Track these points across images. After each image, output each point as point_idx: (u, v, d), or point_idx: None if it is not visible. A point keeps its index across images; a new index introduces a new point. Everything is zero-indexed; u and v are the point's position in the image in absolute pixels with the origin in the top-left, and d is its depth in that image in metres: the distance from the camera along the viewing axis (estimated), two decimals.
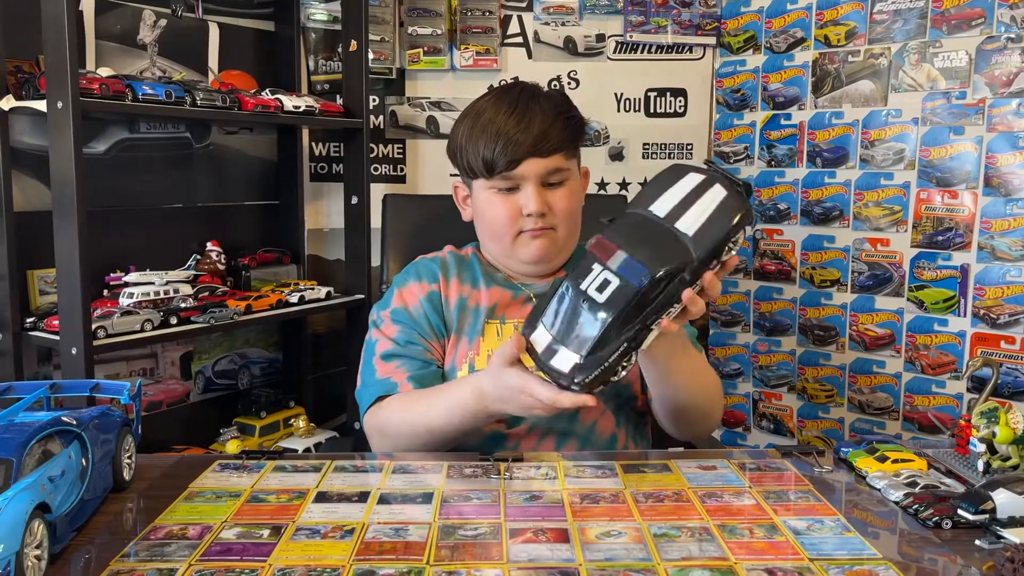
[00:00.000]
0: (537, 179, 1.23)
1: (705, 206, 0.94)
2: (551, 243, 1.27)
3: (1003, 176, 1.93)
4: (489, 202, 1.27)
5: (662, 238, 0.94)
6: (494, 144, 1.21)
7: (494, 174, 1.23)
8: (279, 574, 0.73)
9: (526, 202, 1.23)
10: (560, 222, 1.26)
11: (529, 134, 1.21)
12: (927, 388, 2.09)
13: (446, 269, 1.33)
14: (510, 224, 1.26)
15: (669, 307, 0.92)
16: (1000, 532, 0.79)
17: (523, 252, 1.28)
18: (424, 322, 1.29)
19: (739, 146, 2.42)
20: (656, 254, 0.92)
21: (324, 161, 2.47)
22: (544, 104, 1.24)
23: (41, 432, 0.80)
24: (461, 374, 1.25)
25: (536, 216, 1.23)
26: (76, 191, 1.56)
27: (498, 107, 1.24)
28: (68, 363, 1.59)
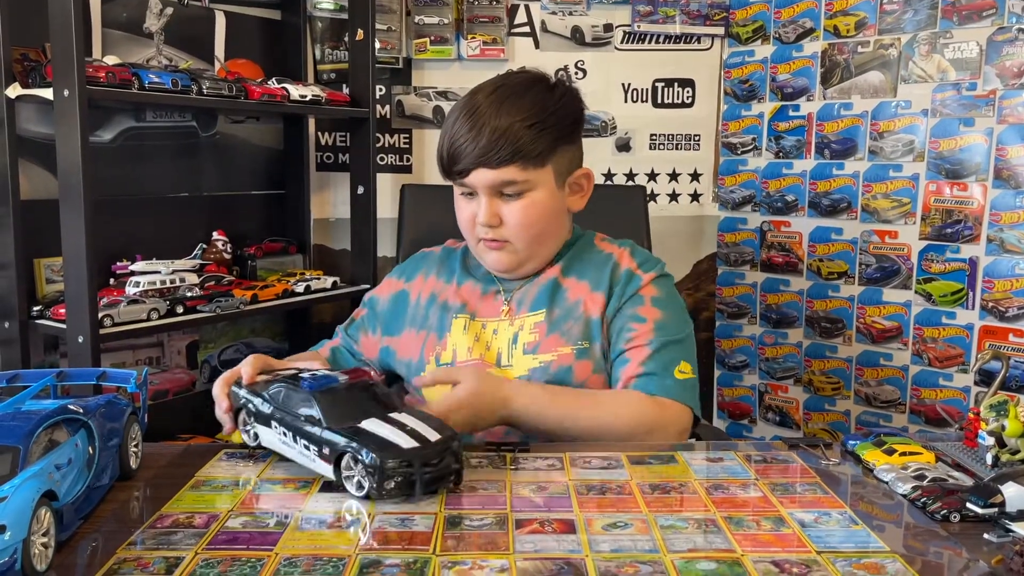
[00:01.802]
0: (488, 189, 1.19)
1: None
2: (508, 256, 1.24)
3: (1013, 168, 1.92)
4: (456, 204, 1.27)
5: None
6: (448, 147, 1.19)
7: (449, 178, 1.23)
8: (285, 563, 0.73)
9: (477, 211, 1.21)
10: (514, 236, 1.21)
11: (476, 144, 1.15)
12: (934, 381, 2.08)
13: (428, 265, 1.35)
14: (469, 228, 1.25)
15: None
16: (1009, 526, 0.79)
17: (482, 258, 1.28)
18: (379, 319, 1.35)
19: (747, 137, 2.41)
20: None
21: (330, 150, 2.47)
22: (515, 106, 1.16)
23: (48, 420, 0.80)
24: (430, 367, 1.26)
25: (485, 227, 1.21)
26: (83, 180, 1.56)
27: (465, 105, 1.19)
28: (75, 351, 1.60)
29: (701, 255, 2.53)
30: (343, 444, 0.87)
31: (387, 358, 1.34)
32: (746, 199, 2.42)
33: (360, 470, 0.85)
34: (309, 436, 0.90)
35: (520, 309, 1.26)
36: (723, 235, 2.48)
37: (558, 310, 1.24)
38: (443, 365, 1.25)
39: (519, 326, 1.25)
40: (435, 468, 0.86)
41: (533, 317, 1.25)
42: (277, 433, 0.94)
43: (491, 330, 1.26)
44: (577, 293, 1.25)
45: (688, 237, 2.51)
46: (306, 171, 2.38)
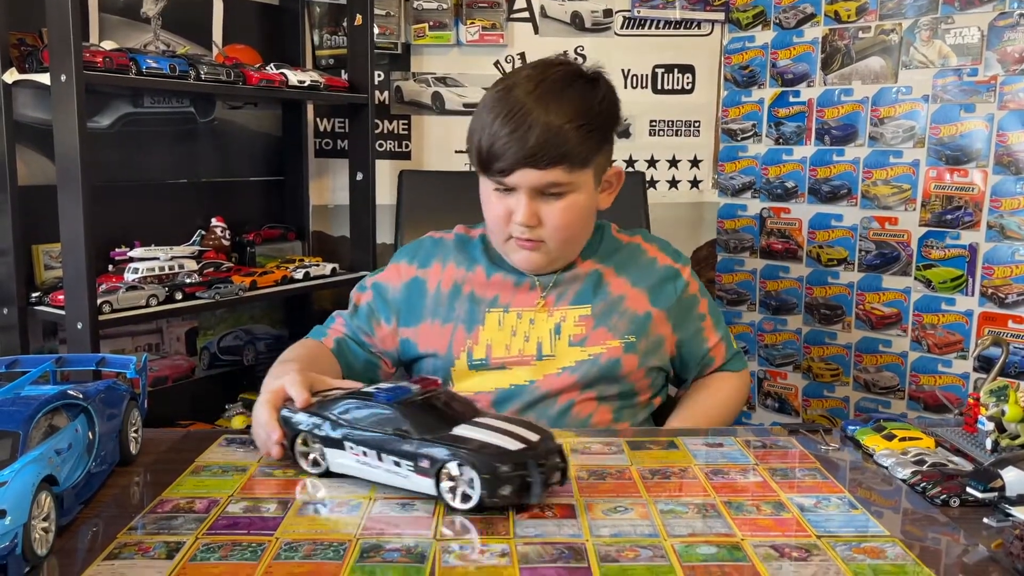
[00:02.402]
0: (530, 189, 1.15)
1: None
2: (541, 257, 1.21)
3: (1014, 154, 1.91)
4: (487, 198, 1.21)
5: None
6: (489, 143, 1.13)
7: (487, 174, 1.17)
8: (286, 547, 0.73)
9: (515, 210, 1.16)
10: (550, 236, 1.18)
11: (524, 144, 1.11)
12: (933, 367, 2.09)
13: (445, 253, 1.29)
14: (501, 227, 1.20)
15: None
16: (1009, 510, 0.79)
17: (513, 256, 1.23)
18: (391, 308, 1.28)
19: (747, 123, 2.40)
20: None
21: (329, 137, 2.46)
22: (562, 106, 1.12)
23: (47, 405, 0.80)
24: (460, 363, 1.22)
25: (523, 227, 1.16)
26: (80, 165, 1.56)
27: (509, 100, 1.13)
28: (73, 338, 1.60)
29: (701, 242, 2.53)
30: (446, 454, 0.80)
31: (408, 351, 1.27)
32: (746, 185, 2.42)
33: (466, 480, 0.79)
34: (400, 452, 0.82)
35: (560, 302, 1.24)
36: (723, 222, 2.48)
37: (602, 304, 1.25)
38: (476, 360, 1.22)
39: (560, 318, 1.23)
40: (544, 468, 0.81)
41: (578, 310, 1.24)
42: (353, 455, 0.86)
43: (527, 320, 1.23)
44: (618, 288, 1.27)
45: (688, 224, 2.51)
46: (305, 157, 2.37)
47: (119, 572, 0.69)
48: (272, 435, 0.92)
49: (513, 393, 1.21)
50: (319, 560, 0.71)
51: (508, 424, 0.85)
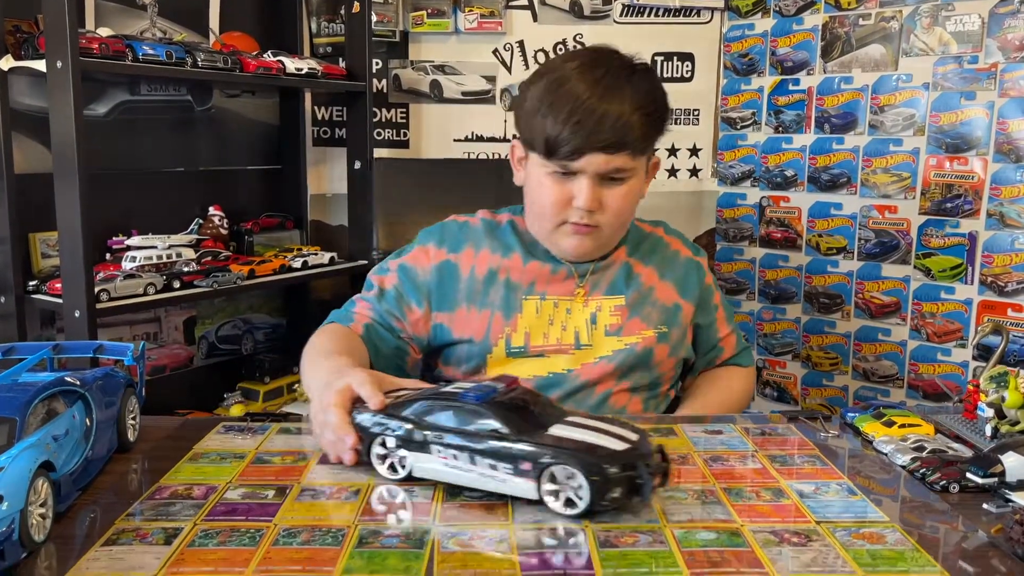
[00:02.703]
0: (595, 174, 1.15)
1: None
2: (593, 242, 1.20)
3: (1014, 142, 1.91)
4: (541, 183, 1.18)
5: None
6: (560, 128, 1.12)
7: (552, 158, 1.15)
8: (284, 533, 0.73)
9: (578, 195, 1.15)
10: (607, 221, 1.18)
11: (600, 129, 1.11)
12: (932, 356, 2.09)
13: (475, 238, 1.26)
14: (557, 211, 1.18)
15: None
16: (1009, 495, 0.79)
17: (563, 242, 1.21)
18: (422, 292, 1.24)
19: (746, 112, 2.39)
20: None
21: (327, 125, 2.45)
22: (628, 93, 1.14)
23: (45, 392, 0.79)
24: (497, 350, 1.21)
25: (584, 212, 1.16)
26: (77, 153, 1.55)
27: (577, 85, 1.13)
28: (71, 326, 1.59)
29: (700, 231, 2.52)
30: (549, 456, 0.75)
31: (441, 336, 1.24)
32: (745, 174, 2.41)
33: (572, 483, 0.74)
34: (497, 454, 0.77)
35: (594, 291, 1.25)
36: (722, 211, 2.47)
37: (635, 295, 1.26)
38: (515, 348, 1.21)
39: (595, 307, 1.24)
40: (651, 468, 0.77)
41: (612, 300, 1.25)
42: (442, 458, 0.81)
43: (564, 309, 1.23)
44: (648, 280, 1.28)
45: (687, 213, 2.50)
46: (302, 146, 2.36)
47: (117, 557, 0.69)
48: (347, 440, 0.86)
49: (553, 382, 1.21)
50: (318, 546, 0.71)
51: (604, 424, 0.80)
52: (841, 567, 0.68)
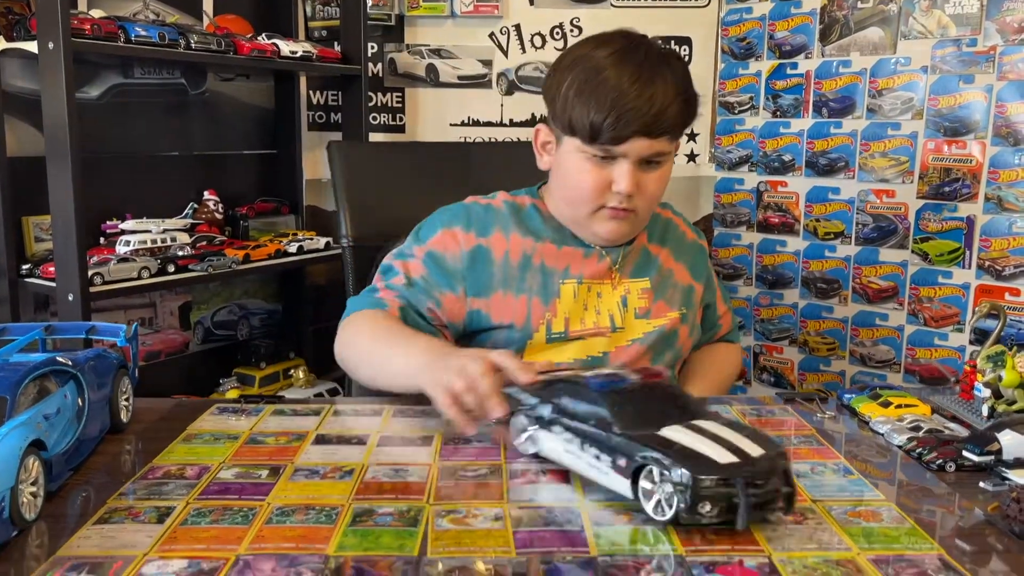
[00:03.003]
0: (637, 158, 1.14)
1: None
2: (628, 226, 1.20)
3: (1012, 125, 1.90)
4: (579, 168, 1.17)
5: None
6: (605, 113, 1.11)
7: (595, 142, 1.13)
8: (278, 512, 0.73)
9: (618, 179, 1.14)
10: (643, 206, 1.18)
11: (644, 112, 1.11)
12: (929, 341, 2.08)
13: (503, 221, 1.23)
14: (594, 196, 1.17)
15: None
16: (1005, 473, 0.78)
17: (598, 227, 1.20)
18: (455, 277, 1.20)
19: (744, 96, 2.38)
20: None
21: (322, 110, 2.43)
22: (668, 78, 1.14)
23: (36, 371, 0.79)
24: (538, 336, 1.20)
25: (624, 196, 1.15)
26: (69, 136, 1.54)
27: (619, 70, 1.12)
28: (65, 310, 1.59)
29: (697, 216, 2.52)
30: (641, 454, 0.71)
31: (478, 322, 1.21)
32: (743, 159, 2.40)
33: (664, 488, 0.69)
34: (599, 443, 0.75)
35: (622, 274, 1.26)
36: (720, 196, 2.46)
37: (657, 277, 1.28)
38: (556, 334, 1.20)
39: (624, 290, 1.25)
40: (760, 490, 0.69)
41: (639, 283, 1.26)
42: (561, 440, 0.79)
43: (595, 293, 1.23)
44: (666, 262, 1.30)
45: (684, 198, 2.49)
46: (298, 130, 2.35)
47: (109, 536, 0.68)
48: (494, 410, 0.86)
49: (590, 365, 1.20)
50: (311, 524, 0.70)
51: (732, 432, 0.74)
52: (837, 544, 0.68)
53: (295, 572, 0.62)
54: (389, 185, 1.48)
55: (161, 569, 0.63)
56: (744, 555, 0.66)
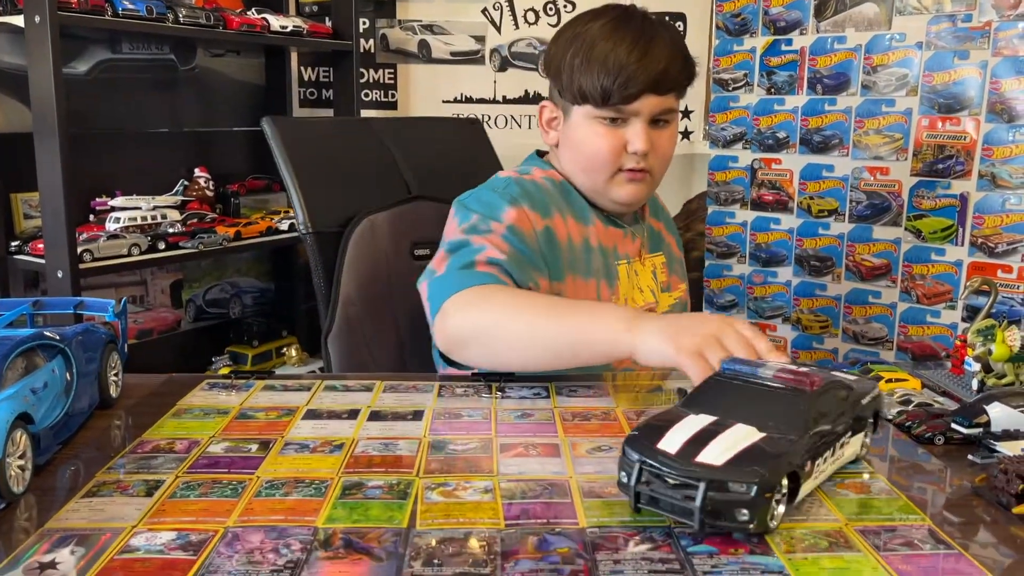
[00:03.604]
0: (648, 116, 1.16)
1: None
2: (645, 188, 1.21)
3: (1007, 102, 1.90)
4: (592, 131, 1.18)
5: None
6: (614, 75, 1.13)
7: (607, 104, 1.15)
8: (267, 485, 0.73)
9: (632, 138, 1.16)
10: (657, 165, 1.20)
11: (652, 70, 1.14)
12: (922, 318, 2.09)
13: (555, 201, 1.21)
14: (611, 159, 1.18)
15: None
16: (993, 445, 0.79)
17: (616, 192, 1.20)
18: (538, 257, 1.14)
19: (738, 73, 2.37)
20: None
21: (313, 86, 2.41)
22: (665, 38, 1.18)
23: (23, 345, 0.78)
24: None
25: (639, 155, 1.17)
26: (57, 111, 1.53)
27: (618, 37, 1.15)
28: (55, 287, 1.58)
29: (691, 194, 2.51)
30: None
31: None
32: (737, 136, 2.39)
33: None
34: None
35: (645, 250, 1.29)
36: (713, 174, 2.46)
37: (664, 251, 1.33)
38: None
39: (651, 267, 1.29)
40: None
41: (658, 258, 1.31)
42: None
43: (635, 271, 1.26)
44: (665, 235, 1.35)
45: (678, 176, 2.49)
46: (289, 107, 2.33)
47: (97, 509, 0.68)
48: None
49: None
50: (300, 497, 0.70)
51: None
52: (825, 515, 0.68)
53: (284, 544, 0.62)
54: (341, 162, 1.40)
55: (149, 541, 0.63)
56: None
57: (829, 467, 0.71)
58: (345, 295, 1.32)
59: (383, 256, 1.37)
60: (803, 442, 0.66)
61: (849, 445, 0.73)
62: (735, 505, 0.61)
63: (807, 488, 0.68)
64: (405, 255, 1.39)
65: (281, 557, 0.60)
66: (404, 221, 1.40)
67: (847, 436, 0.73)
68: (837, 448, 0.71)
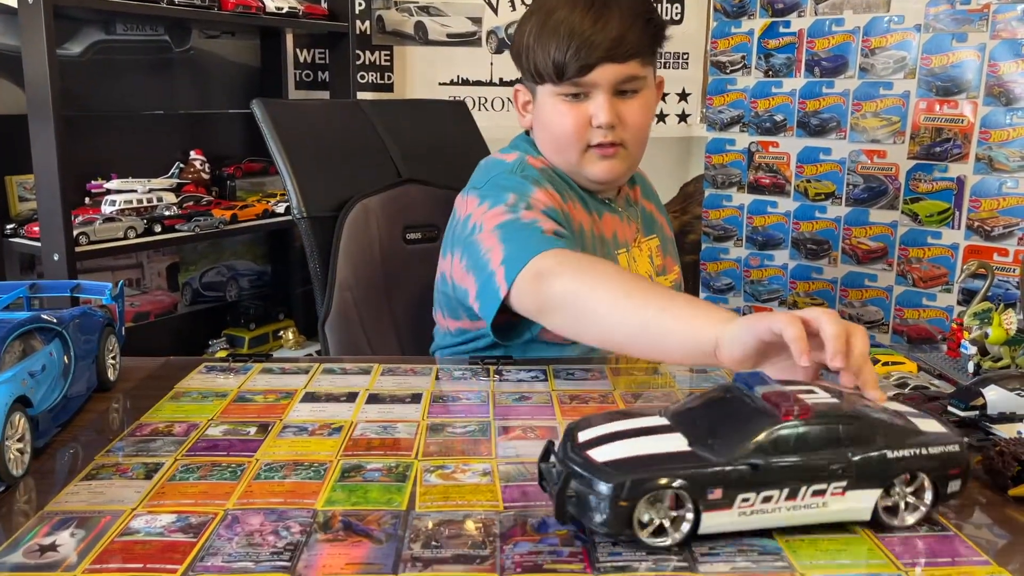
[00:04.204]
0: (610, 87, 1.11)
1: None
2: (621, 164, 1.16)
3: (1005, 84, 1.89)
4: (555, 110, 1.14)
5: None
6: (566, 46, 1.09)
7: (564, 79, 1.11)
8: (266, 468, 0.73)
9: (596, 112, 1.12)
10: (630, 137, 1.15)
11: (605, 36, 1.09)
12: (918, 301, 2.09)
13: (559, 187, 1.17)
14: (577, 136, 1.14)
15: None
16: (989, 428, 0.79)
17: (590, 170, 1.16)
18: (574, 238, 1.11)
19: (736, 55, 2.36)
20: None
21: (309, 68, 2.40)
22: (623, 3, 1.12)
23: (20, 328, 0.78)
24: None
25: (606, 128, 1.12)
26: (51, 92, 1.51)
27: (572, 5, 1.11)
28: (51, 270, 1.57)
29: (688, 177, 2.51)
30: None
31: None
32: (734, 119, 2.39)
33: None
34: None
35: (640, 234, 1.26)
36: (710, 157, 2.45)
37: (658, 233, 1.29)
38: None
39: (647, 251, 1.26)
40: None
41: (652, 241, 1.27)
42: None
43: (633, 257, 1.23)
44: (656, 216, 1.31)
45: (676, 159, 2.48)
46: (284, 89, 2.32)
47: (97, 491, 0.68)
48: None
49: None
50: (299, 480, 0.71)
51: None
52: None
53: (283, 526, 0.62)
54: (333, 146, 1.39)
55: (149, 523, 0.63)
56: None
57: (788, 513, 0.61)
58: (341, 280, 1.32)
59: (377, 241, 1.37)
60: (727, 469, 0.59)
61: (845, 499, 0.61)
62: (591, 505, 0.59)
63: (736, 523, 0.60)
64: (398, 239, 1.39)
65: (281, 539, 0.60)
66: (396, 205, 1.40)
67: (836, 485, 0.61)
68: (807, 495, 0.60)
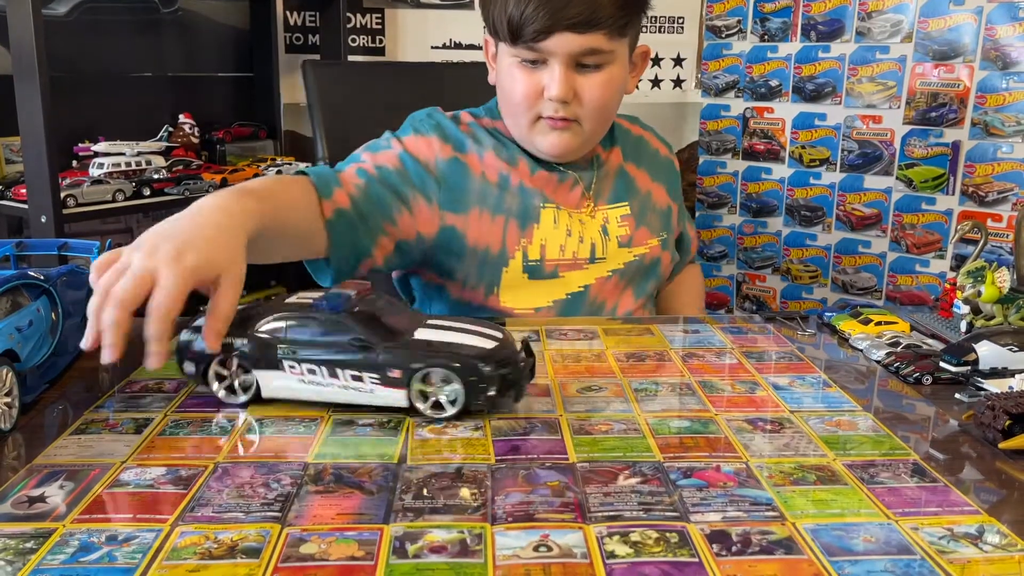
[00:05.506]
0: (568, 58, 1.04)
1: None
2: (573, 138, 1.09)
3: (1001, 48, 1.88)
4: (509, 73, 1.08)
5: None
6: (524, 5, 1.01)
7: (518, 42, 1.04)
8: (257, 423, 0.73)
9: (549, 83, 1.05)
10: (586, 115, 1.08)
11: (568, 3, 1.00)
12: (911, 267, 2.10)
13: (475, 139, 1.14)
14: (528, 104, 1.07)
15: None
16: (981, 383, 0.79)
17: (539, 141, 1.11)
18: (430, 182, 1.09)
19: (732, 19, 2.33)
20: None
21: (299, 31, 2.37)
22: None
23: (6, 285, 0.77)
24: (514, 263, 1.11)
25: (557, 103, 1.05)
26: (37, 54, 1.49)
27: None
28: (38, 232, 1.56)
29: (683, 143, 2.50)
30: (419, 361, 0.72)
31: (451, 242, 1.11)
32: (729, 85, 2.37)
33: (446, 386, 0.72)
34: (362, 364, 0.72)
35: (599, 200, 1.18)
36: (705, 123, 2.44)
37: (637, 202, 1.20)
38: (532, 262, 1.11)
39: (603, 218, 1.17)
40: (524, 365, 0.75)
41: (618, 209, 1.19)
42: (296, 374, 0.74)
43: (577, 220, 1.15)
44: (644, 184, 1.23)
45: (670, 124, 2.47)
46: (275, 53, 2.29)
47: (86, 445, 0.68)
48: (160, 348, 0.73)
49: (573, 303, 1.15)
50: (291, 435, 0.70)
51: (466, 324, 0.78)
52: (813, 451, 0.68)
53: (274, 479, 0.62)
54: (367, 106, 1.44)
55: (139, 476, 0.63)
56: (721, 461, 0.66)
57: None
58: None
59: None
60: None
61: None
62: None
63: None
64: None
65: (271, 491, 0.60)
66: None
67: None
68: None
